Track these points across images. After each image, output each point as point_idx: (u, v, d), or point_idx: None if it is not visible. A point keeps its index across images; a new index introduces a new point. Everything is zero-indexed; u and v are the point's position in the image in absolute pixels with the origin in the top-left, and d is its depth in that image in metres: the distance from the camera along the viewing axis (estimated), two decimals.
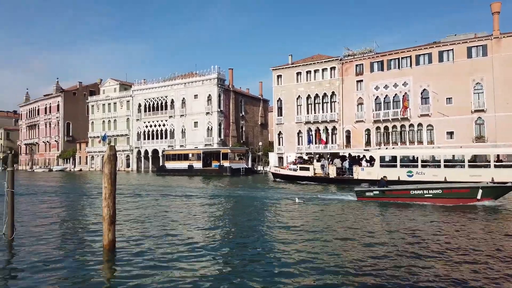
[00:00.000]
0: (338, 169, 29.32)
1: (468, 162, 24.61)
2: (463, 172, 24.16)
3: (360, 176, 27.69)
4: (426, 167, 26.18)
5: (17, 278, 6.90)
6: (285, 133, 52.34)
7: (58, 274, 7.01)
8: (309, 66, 50.64)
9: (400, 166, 26.49)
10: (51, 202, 19.71)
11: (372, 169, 27.35)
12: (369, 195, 17.33)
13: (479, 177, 22.48)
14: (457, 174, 24.13)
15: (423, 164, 26.19)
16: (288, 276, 6.71)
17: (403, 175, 25.86)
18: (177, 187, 27.96)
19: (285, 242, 9.40)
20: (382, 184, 17.81)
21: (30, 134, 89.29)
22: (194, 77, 60.72)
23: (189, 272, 6.99)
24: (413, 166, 26.23)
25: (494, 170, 23.52)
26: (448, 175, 24.20)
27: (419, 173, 25.62)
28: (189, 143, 59.44)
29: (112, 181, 8.28)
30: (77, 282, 6.53)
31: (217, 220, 12.98)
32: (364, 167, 28.20)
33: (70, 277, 6.81)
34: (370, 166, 27.88)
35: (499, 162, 24.56)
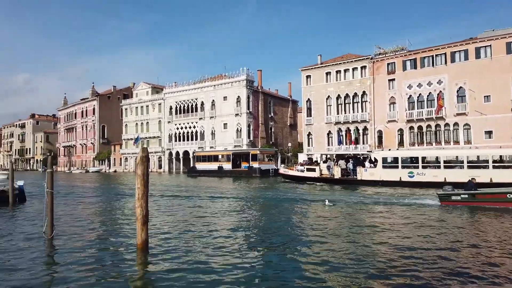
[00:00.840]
0: (342, 170, 29.99)
1: (467, 163, 24.99)
2: (463, 172, 24.31)
3: (363, 177, 28.23)
4: (426, 168, 26.46)
5: (57, 274, 7.20)
6: (314, 134, 51.83)
7: (94, 272, 7.25)
8: (339, 65, 49.92)
9: (402, 167, 26.93)
10: (88, 202, 20.47)
11: (375, 170, 27.97)
12: (456, 199, 15.74)
13: (477, 178, 22.78)
14: (457, 174, 24.51)
15: (423, 165, 26.50)
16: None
17: (405, 176, 26.53)
18: (207, 188, 28.29)
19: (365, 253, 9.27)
20: (471, 187, 16.10)
21: (68, 137, 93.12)
22: (223, 79, 61.31)
23: (219, 273, 7.04)
24: (414, 167, 26.60)
25: (493, 171, 23.86)
26: (448, 176, 24.68)
27: (420, 174, 26.15)
28: (218, 145, 60.04)
29: (144, 182, 8.47)
30: (112, 280, 6.72)
31: (252, 222, 13.01)
32: (367, 168, 28.76)
33: (105, 275, 7.03)
34: (373, 167, 28.26)
35: (499, 163, 24.81)
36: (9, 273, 7.20)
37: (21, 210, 17.00)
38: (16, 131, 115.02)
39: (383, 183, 26.99)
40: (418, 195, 20.31)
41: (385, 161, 28.10)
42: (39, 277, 6.98)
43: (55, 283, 6.71)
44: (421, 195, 20.27)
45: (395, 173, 26.96)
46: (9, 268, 7.56)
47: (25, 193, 20.48)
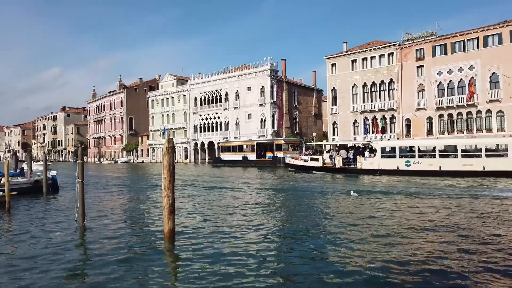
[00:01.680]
0: (343, 159, 30.93)
1: (460, 152, 25.79)
2: (456, 161, 25.53)
3: (363, 166, 29.28)
4: (422, 157, 27.24)
5: (88, 260, 7.48)
6: (339, 123, 51.10)
7: (124, 259, 7.48)
8: (365, 53, 48.76)
9: (399, 156, 27.83)
10: (117, 192, 21.08)
11: (374, 159, 28.84)
12: None
13: (470, 166, 24.66)
14: (451, 163, 25.68)
15: (420, 154, 27.35)
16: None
17: (402, 165, 27.38)
18: (232, 178, 28.53)
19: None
20: None
21: (97, 129, 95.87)
22: (247, 69, 61.20)
23: (244, 262, 7.10)
24: (411, 156, 27.50)
25: (486, 160, 24.59)
26: (442, 165, 25.82)
27: (416, 163, 27.00)
28: (243, 135, 60.24)
29: (170, 172, 8.61)
30: (141, 267, 6.91)
31: (277, 212, 13.03)
32: (366, 157, 29.48)
33: (134, 262, 7.23)
34: (373, 157, 29.08)
35: (491, 152, 25.33)
36: (44, 259, 7.53)
37: (55, 199, 17.72)
38: (49, 123, 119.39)
39: (382, 172, 27.84)
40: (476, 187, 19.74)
41: (384, 150, 29.01)
42: (72, 263, 7.27)
43: (87, 269, 6.97)
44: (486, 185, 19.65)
45: (393, 162, 27.87)
46: (44, 254, 7.90)
47: (58, 183, 21.31)
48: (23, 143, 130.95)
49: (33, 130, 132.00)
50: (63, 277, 6.44)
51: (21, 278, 6.44)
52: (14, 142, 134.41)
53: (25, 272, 6.79)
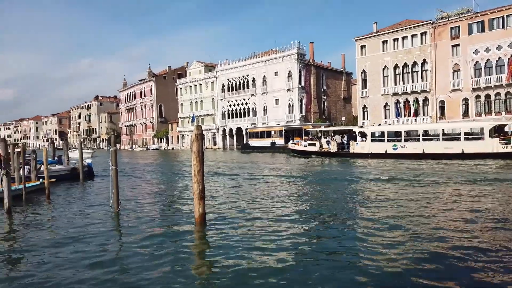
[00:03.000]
0: (338, 144, 32.95)
1: (442, 135, 27.67)
2: (438, 144, 27.51)
3: (355, 150, 31.27)
4: (408, 141, 29.05)
5: (123, 244, 7.76)
6: (370, 107, 49.90)
7: (156, 243, 7.70)
8: (397, 33, 47.00)
9: (387, 140, 29.76)
10: (149, 178, 21.66)
11: (365, 144, 30.85)
12: None
13: (451, 149, 26.58)
14: (433, 146, 27.65)
15: (405, 138, 29.18)
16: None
17: (390, 149, 29.35)
18: (260, 164, 28.63)
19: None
20: None
21: (129, 117, 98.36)
22: (274, 54, 60.57)
23: (272, 247, 7.14)
24: (397, 140, 29.46)
25: (464, 143, 26.55)
26: (426, 148, 27.71)
27: (402, 147, 28.87)
28: (271, 120, 60.06)
29: (200, 159, 8.72)
30: (173, 251, 7.10)
31: (307, 198, 13.00)
32: (358, 142, 31.41)
33: (166, 246, 7.43)
34: (364, 141, 31.02)
35: (468, 135, 26.99)
36: (82, 243, 7.88)
37: (90, 186, 18.44)
38: (83, 112, 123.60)
39: (372, 155, 29.74)
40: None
41: (373, 135, 31.01)
42: (108, 246, 7.57)
43: (122, 253, 7.24)
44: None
45: (382, 146, 29.90)
46: (82, 238, 8.27)
47: (93, 170, 22.13)
48: (59, 132, 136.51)
49: (69, 119, 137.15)
50: (99, 259, 6.72)
51: (61, 259, 6.77)
52: (51, 131, 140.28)
53: (64, 254, 7.13)
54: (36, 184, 15.40)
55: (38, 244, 7.94)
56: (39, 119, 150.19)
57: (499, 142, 25.49)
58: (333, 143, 33.25)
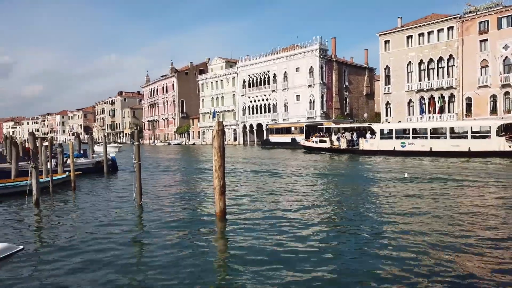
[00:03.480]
0: (348, 141, 33.64)
1: (449, 133, 27.87)
2: (446, 142, 27.69)
3: (364, 147, 31.90)
4: (416, 138, 29.50)
5: (146, 236, 7.91)
6: (393, 103, 48.91)
7: (178, 236, 7.82)
8: (422, 27, 45.79)
9: (396, 138, 30.08)
10: (171, 173, 21.97)
11: (374, 141, 31.40)
12: None
13: (458, 147, 26.70)
14: (441, 144, 27.84)
15: (414, 136, 29.59)
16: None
17: (398, 146, 29.72)
18: (280, 160, 28.57)
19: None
20: None
21: (151, 112, 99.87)
22: (295, 49, 60.12)
23: (293, 244, 7.13)
24: (406, 137, 29.73)
25: (471, 141, 26.63)
26: (434, 145, 27.94)
27: (410, 144, 29.15)
28: (291, 117, 59.75)
29: (221, 154, 8.79)
30: (194, 244, 7.19)
31: (327, 195, 12.91)
32: (367, 139, 31.90)
33: (188, 239, 7.54)
34: (373, 138, 31.59)
35: (476, 134, 27.19)
36: (106, 234, 8.08)
37: (114, 179, 18.87)
38: (107, 107, 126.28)
39: (381, 152, 30.15)
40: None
41: (382, 132, 31.46)
42: (132, 238, 7.74)
43: (145, 245, 7.38)
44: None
45: (390, 143, 30.24)
46: (106, 229, 8.48)
47: (117, 164, 22.63)
48: (85, 126, 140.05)
49: (94, 114, 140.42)
50: (123, 250, 6.88)
51: (85, 249, 6.97)
52: (77, 125, 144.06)
53: (88, 244, 7.33)
54: (62, 177, 15.88)
55: (63, 234, 8.20)
56: (65, 114, 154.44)
57: (505, 141, 25.55)
58: (343, 140, 33.98)
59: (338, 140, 34.50)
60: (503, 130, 27.06)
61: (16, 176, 15.79)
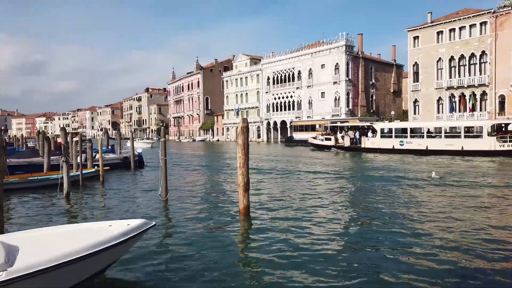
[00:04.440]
0: (351, 139, 35.17)
1: (444, 133, 29.17)
2: (441, 141, 29.00)
3: (366, 145, 33.42)
4: (414, 137, 30.60)
5: (170, 231, 8.04)
6: (421, 101, 47.60)
7: (204, 231, 7.90)
8: (453, 23, 44.26)
9: (395, 136, 31.51)
10: (196, 169, 22.23)
11: (375, 139, 32.82)
12: None
13: (452, 146, 27.93)
14: (436, 143, 29.19)
15: (411, 135, 30.83)
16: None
17: (397, 144, 31.05)
18: (304, 158, 28.39)
19: None
20: None
21: (177, 108, 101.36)
22: (321, 46, 59.45)
23: (316, 241, 7.06)
24: (404, 136, 31.09)
25: (464, 140, 27.97)
26: (429, 144, 29.31)
27: (408, 143, 30.50)
28: (316, 114, 59.21)
29: (245, 151, 8.80)
30: (218, 240, 7.24)
31: (352, 194, 12.74)
32: (369, 137, 33.35)
33: (213, 235, 7.61)
34: (374, 137, 33.02)
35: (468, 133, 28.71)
36: None
37: (141, 174, 19.27)
38: (134, 104, 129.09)
39: (381, 150, 31.40)
40: None
41: (383, 131, 32.75)
42: (156, 233, 7.87)
43: (169, 240, 7.50)
44: None
45: (389, 142, 31.64)
46: None
47: (143, 159, 23.10)
48: (113, 122, 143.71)
49: (121, 110, 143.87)
50: (147, 244, 7.00)
51: None
52: (105, 121, 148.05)
53: None
54: (91, 171, 16.36)
55: None
56: (94, 110, 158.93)
57: (496, 140, 26.66)
58: (346, 138, 35.64)
59: (343, 138, 36.22)
60: (495, 130, 28.33)
61: (48, 170, 16.37)
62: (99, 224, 5.97)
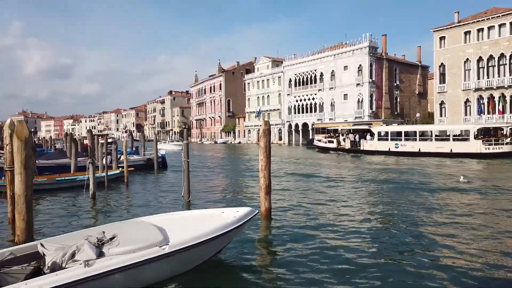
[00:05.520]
0: (351, 142, 37.02)
1: (434, 136, 31.07)
2: (431, 144, 30.80)
3: (364, 147, 35.24)
4: (408, 140, 32.48)
5: None
6: (448, 103, 46.32)
7: None
8: (482, 22, 42.90)
9: (390, 139, 33.44)
10: (218, 171, 22.35)
11: (373, 142, 34.95)
12: None
13: (442, 148, 29.64)
14: (427, 145, 30.85)
15: (405, 138, 32.67)
16: None
17: (392, 147, 33.02)
18: (326, 161, 28.10)
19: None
20: None
21: (199, 111, 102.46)
22: (343, 47, 58.81)
23: (338, 245, 6.94)
24: (399, 139, 32.86)
25: (453, 143, 29.80)
26: (421, 147, 30.97)
27: (403, 145, 32.26)
28: (338, 116, 58.55)
29: (267, 154, 8.78)
30: (239, 244, 7.22)
31: (374, 199, 12.51)
32: (367, 140, 35.33)
33: (234, 237, 7.59)
34: (372, 140, 34.96)
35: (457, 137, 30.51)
36: None
37: (164, 175, 19.53)
38: (158, 106, 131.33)
39: (378, 152, 33.28)
40: None
41: (380, 134, 34.74)
42: None
43: None
44: None
45: (386, 144, 33.56)
46: None
47: (166, 161, 23.42)
48: (137, 124, 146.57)
49: (145, 113, 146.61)
50: None
51: None
52: (129, 123, 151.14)
53: None
54: (116, 173, 16.69)
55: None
56: (119, 112, 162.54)
57: (482, 144, 28.29)
58: (347, 141, 37.51)
59: (344, 141, 38.28)
60: (482, 134, 30.03)
61: (75, 171, 16.83)
62: (213, 210, 6.86)
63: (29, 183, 6.54)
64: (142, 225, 5.72)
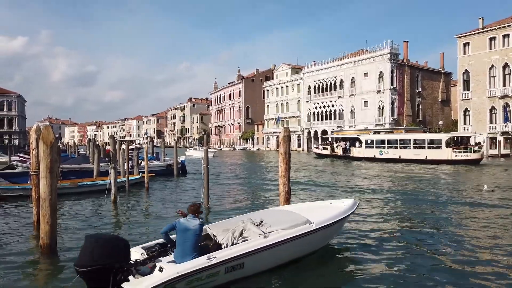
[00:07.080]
0: (343, 149, 39.68)
1: (412, 144, 33.50)
2: (410, 151, 33.04)
3: (354, 154, 37.83)
4: (390, 147, 34.72)
5: None
6: (472, 110, 45.13)
7: None
8: (508, 28, 41.76)
9: (376, 147, 35.89)
10: (237, 177, 22.37)
11: (361, 149, 37.42)
12: None
13: (418, 155, 31.93)
14: (406, 153, 33.12)
15: (388, 145, 34.99)
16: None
17: (377, 154, 35.26)
18: (344, 168, 27.75)
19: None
20: None
21: (218, 118, 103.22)
22: (364, 54, 58.27)
23: (360, 253, 6.80)
24: (382, 147, 35.37)
25: (428, 151, 31.96)
26: (401, 154, 33.23)
27: (386, 152, 34.69)
28: (358, 123, 57.87)
29: (287, 161, 8.71)
30: None
31: (395, 206, 12.25)
32: (356, 147, 38.06)
33: None
34: (360, 147, 37.63)
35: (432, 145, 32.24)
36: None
37: (183, 181, 19.68)
38: (178, 113, 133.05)
39: (365, 159, 35.81)
40: None
41: (367, 142, 37.17)
42: None
43: None
44: None
45: (372, 151, 36.03)
46: None
47: (186, 167, 23.61)
48: (157, 131, 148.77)
49: (165, 119, 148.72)
50: None
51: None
52: (150, 130, 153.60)
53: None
54: (137, 178, 16.93)
55: (139, 229, 8.67)
56: (140, 119, 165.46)
57: (452, 151, 30.52)
58: (339, 148, 40.25)
59: (337, 148, 41.13)
60: (453, 142, 32.02)
61: (97, 176, 17.15)
62: (321, 202, 7.96)
63: (53, 186, 6.69)
64: (279, 212, 6.80)
